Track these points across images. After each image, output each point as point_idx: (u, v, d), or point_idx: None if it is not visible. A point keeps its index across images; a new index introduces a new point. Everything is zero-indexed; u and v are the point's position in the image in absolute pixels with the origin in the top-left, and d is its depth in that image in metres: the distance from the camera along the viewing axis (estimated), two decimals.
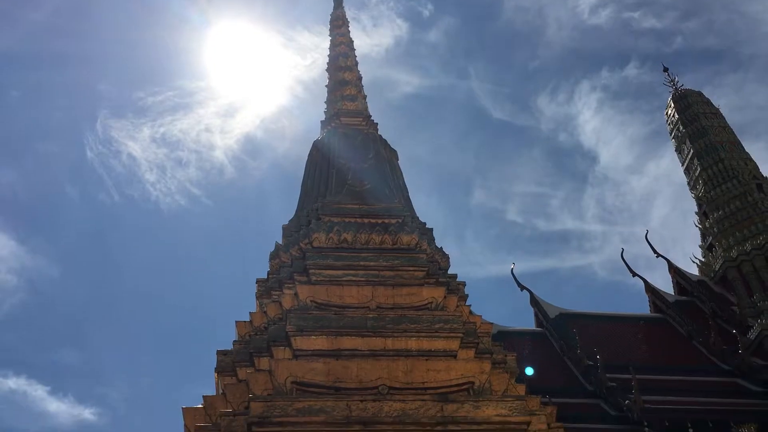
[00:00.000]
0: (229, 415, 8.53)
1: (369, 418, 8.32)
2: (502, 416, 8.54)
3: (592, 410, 22.39)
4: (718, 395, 22.64)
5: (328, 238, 11.90)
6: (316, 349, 9.48)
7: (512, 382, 10.34)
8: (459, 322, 10.17)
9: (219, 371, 10.60)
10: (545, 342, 28.88)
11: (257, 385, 9.04)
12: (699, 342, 27.33)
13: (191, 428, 9.40)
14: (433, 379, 9.22)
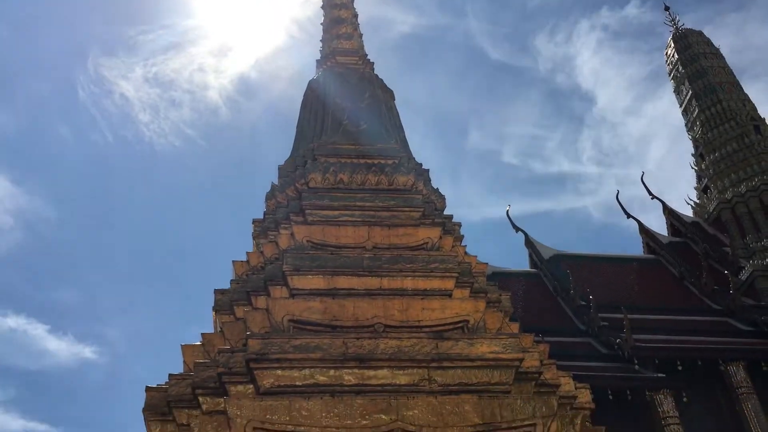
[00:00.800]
0: (228, 351, 8.66)
1: (365, 354, 8.45)
2: (496, 353, 8.69)
3: (584, 348, 22.86)
4: (708, 334, 23.09)
5: (324, 178, 11.89)
6: (312, 288, 9.57)
7: (506, 321, 10.49)
8: (454, 262, 10.25)
9: (217, 310, 10.73)
10: (539, 282, 29.27)
11: (255, 323, 9.16)
12: (691, 282, 27.71)
13: (190, 365, 9.55)
14: (428, 318, 9.34)
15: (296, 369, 8.28)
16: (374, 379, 8.38)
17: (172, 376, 9.26)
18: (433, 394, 8.25)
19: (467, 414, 8.03)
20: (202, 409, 8.44)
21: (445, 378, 8.50)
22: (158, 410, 9.09)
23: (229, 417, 7.68)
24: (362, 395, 8.13)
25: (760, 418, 20.00)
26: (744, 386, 20.60)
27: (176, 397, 8.88)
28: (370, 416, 7.88)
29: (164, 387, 9.24)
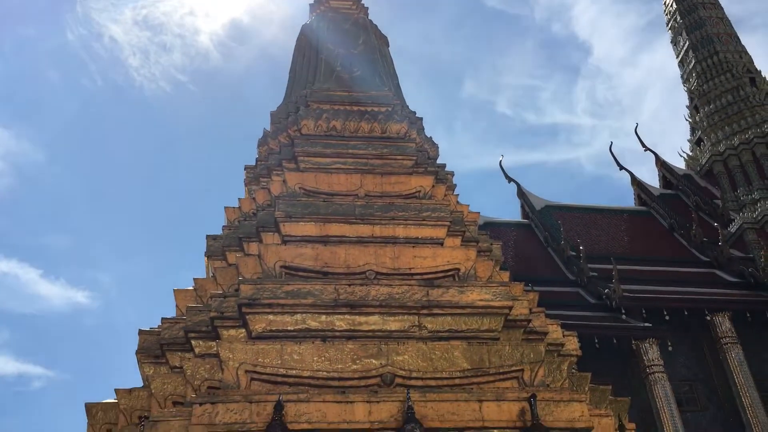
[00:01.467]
0: (220, 296, 8.72)
1: (356, 301, 8.53)
2: (486, 301, 8.78)
3: (573, 298, 23.13)
4: (695, 285, 23.38)
5: (316, 125, 11.80)
6: (304, 235, 9.59)
7: (497, 270, 10.58)
8: (446, 211, 10.27)
9: (209, 255, 10.76)
10: (530, 233, 29.44)
11: (246, 268, 9.20)
12: (680, 234, 27.92)
13: (183, 309, 9.63)
14: (419, 266, 9.40)
15: (288, 314, 8.36)
16: (365, 325, 8.48)
17: (164, 319, 9.35)
18: (423, 340, 8.37)
19: (456, 359, 8.16)
20: (195, 353, 8.55)
21: (435, 325, 8.60)
22: (151, 353, 9.20)
23: (222, 360, 7.77)
24: (353, 340, 8.23)
25: (743, 367, 20.44)
26: (728, 336, 20.99)
27: (169, 341, 8.98)
28: (361, 361, 7.99)
29: (157, 330, 9.33)
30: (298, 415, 7.20)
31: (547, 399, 7.71)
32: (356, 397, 7.46)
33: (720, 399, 21.13)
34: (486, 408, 7.54)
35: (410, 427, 7.14)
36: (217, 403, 7.15)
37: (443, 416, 7.43)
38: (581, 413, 7.67)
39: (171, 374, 8.47)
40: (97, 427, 8.53)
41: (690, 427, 20.18)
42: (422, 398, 7.51)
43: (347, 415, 7.30)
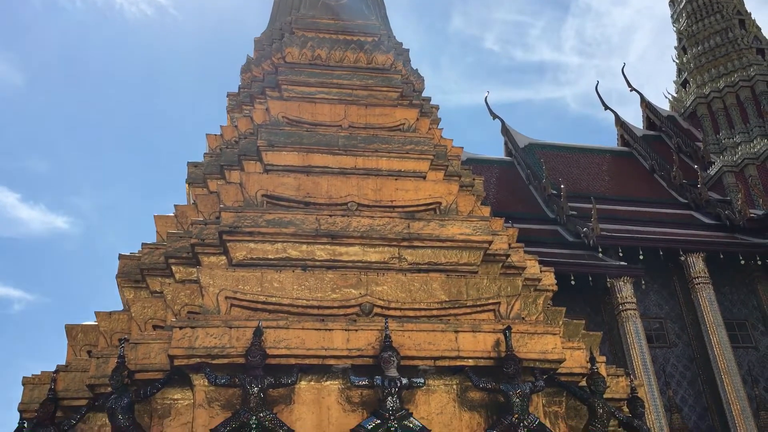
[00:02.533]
0: (201, 223, 8.70)
1: (337, 231, 8.56)
2: (466, 235, 8.85)
3: (552, 235, 23.39)
4: (672, 226, 23.70)
5: (301, 53, 11.58)
6: (286, 165, 9.53)
7: (478, 205, 10.63)
8: (430, 145, 10.23)
9: (190, 182, 10.69)
10: (513, 170, 29.51)
11: (228, 196, 9.17)
12: (661, 176, 28.14)
13: (163, 235, 9.63)
14: (401, 198, 9.42)
15: (269, 243, 8.38)
16: (345, 256, 8.54)
17: (145, 245, 9.35)
18: (403, 272, 8.46)
19: (435, 291, 8.28)
20: (175, 278, 8.59)
21: (414, 257, 8.69)
22: (131, 277, 9.23)
23: (202, 286, 7.82)
24: (333, 270, 8.30)
25: (713, 307, 20.96)
26: (701, 276, 21.43)
27: (149, 266, 9.00)
28: (341, 290, 8.08)
29: (137, 255, 9.34)
30: (277, 341, 7.31)
31: (522, 331, 7.87)
32: (335, 325, 7.57)
33: (689, 336, 21.75)
34: (462, 339, 7.69)
35: (387, 355, 7.28)
36: (197, 328, 7.22)
37: (420, 345, 7.58)
38: (554, 346, 7.86)
39: (151, 299, 8.52)
40: (78, 349, 8.62)
41: (658, 362, 20.82)
42: (400, 328, 7.64)
43: (326, 342, 7.42)
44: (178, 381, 7.25)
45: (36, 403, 7.58)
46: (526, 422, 7.22)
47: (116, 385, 6.99)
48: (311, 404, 7.33)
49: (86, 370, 7.58)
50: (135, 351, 7.32)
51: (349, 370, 7.34)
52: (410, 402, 7.40)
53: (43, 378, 7.96)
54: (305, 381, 7.39)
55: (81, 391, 7.53)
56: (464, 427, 7.47)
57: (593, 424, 7.67)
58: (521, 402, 7.30)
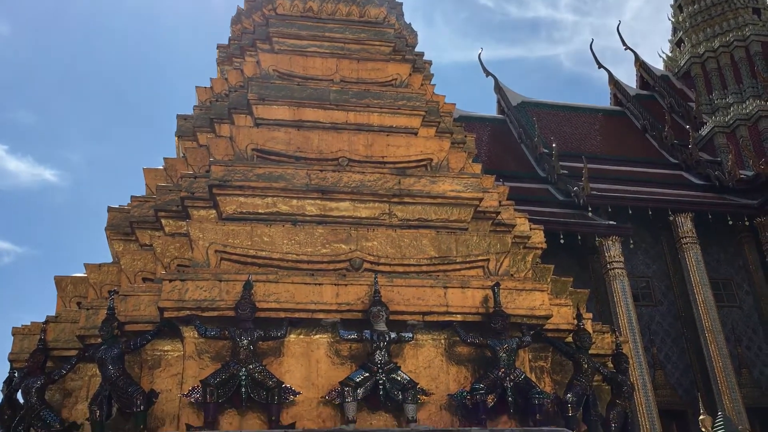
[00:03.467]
0: (190, 176, 8.66)
1: (327, 187, 8.54)
2: (456, 192, 8.85)
3: (542, 194, 23.43)
4: (662, 186, 23.78)
5: (292, 5, 11.37)
6: (277, 119, 9.45)
7: (469, 162, 10.61)
8: (422, 100, 10.15)
9: (179, 135, 10.60)
10: (505, 129, 29.40)
11: (218, 150, 9.10)
12: (652, 136, 28.13)
13: (152, 188, 9.58)
14: (392, 154, 9.38)
15: (259, 197, 8.35)
16: (336, 211, 8.53)
17: (134, 198, 9.30)
18: (393, 228, 8.47)
19: (424, 247, 8.30)
20: (165, 231, 8.57)
21: (405, 213, 8.69)
22: (121, 230, 9.21)
23: (192, 239, 7.81)
24: (323, 225, 8.30)
25: (700, 266, 21.18)
26: (689, 236, 21.60)
27: (139, 219, 8.97)
28: (331, 245, 8.09)
29: (127, 208, 9.30)
30: (267, 294, 7.34)
31: (511, 288, 7.94)
32: (325, 279, 7.60)
33: (674, 295, 22.02)
34: (451, 294, 7.75)
35: (376, 310, 7.34)
36: (187, 281, 7.24)
37: (409, 301, 7.64)
38: (542, 302, 7.93)
39: (141, 251, 8.52)
40: (67, 300, 8.64)
41: (643, 320, 21.11)
42: (389, 283, 7.68)
43: (315, 296, 7.45)
44: (168, 333, 7.29)
45: (26, 353, 7.62)
46: (512, 376, 7.33)
47: (106, 336, 7.02)
48: (300, 357, 7.41)
49: (76, 321, 7.61)
50: (125, 303, 7.34)
51: (338, 324, 7.40)
52: (398, 356, 7.48)
53: (33, 328, 8.00)
54: (295, 334, 7.45)
55: (71, 342, 7.57)
56: (451, 380, 7.58)
57: (578, 378, 7.80)
58: (508, 357, 7.40)
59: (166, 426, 6.93)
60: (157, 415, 7.02)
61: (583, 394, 7.76)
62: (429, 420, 7.22)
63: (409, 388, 7.08)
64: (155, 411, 6.98)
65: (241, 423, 6.92)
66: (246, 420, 6.96)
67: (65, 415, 7.36)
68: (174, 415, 7.00)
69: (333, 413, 7.14)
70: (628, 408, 8.25)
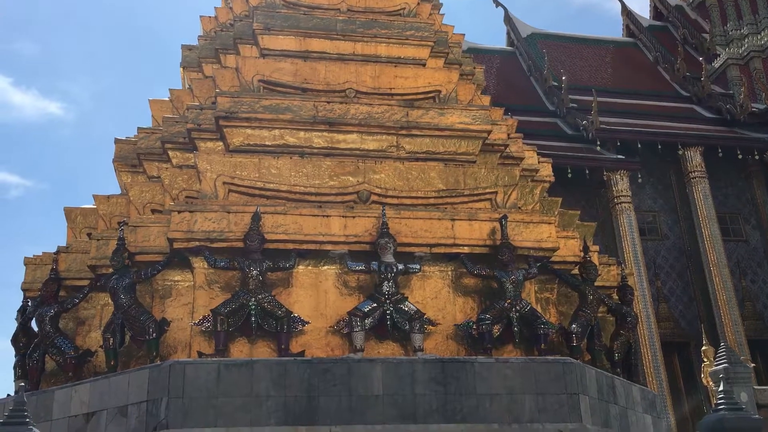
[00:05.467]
0: (197, 108, 8.59)
1: (335, 119, 8.47)
2: (465, 124, 8.77)
3: (551, 128, 23.23)
4: (672, 120, 23.49)
5: None
6: (283, 49, 9.30)
7: (478, 94, 10.48)
8: (430, 31, 9.96)
9: (184, 66, 10.47)
10: (514, 61, 28.89)
11: (224, 81, 9.00)
12: (664, 68, 27.62)
13: (159, 120, 9.52)
14: (400, 86, 9.26)
15: (266, 129, 8.30)
16: (343, 143, 8.48)
17: (141, 129, 9.27)
18: (401, 160, 8.44)
19: (432, 180, 8.29)
20: (172, 163, 8.57)
21: (413, 145, 8.64)
22: (128, 162, 9.21)
23: (200, 171, 7.81)
24: (331, 158, 8.27)
25: (708, 201, 21.11)
26: (698, 170, 21.44)
27: (146, 150, 8.96)
28: (338, 177, 8.09)
29: (133, 140, 9.28)
30: (275, 226, 7.39)
31: (518, 220, 7.96)
32: (332, 211, 7.63)
33: (681, 230, 22.04)
34: (458, 227, 7.78)
35: (384, 242, 7.39)
36: (196, 212, 7.28)
37: (416, 233, 7.68)
38: (549, 234, 7.96)
39: (149, 183, 8.53)
40: (77, 231, 8.72)
41: (648, 254, 21.19)
42: (397, 215, 7.71)
43: (323, 228, 7.50)
44: (178, 263, 7.38)
45: (38, 283, 7.75)
46: (518, 307, 7.43)
47: (117, 266, 7.12)
48: (309, 288, 7.51)
49: (87, 251, 7.70)
50: (134, 234, 7.40)
51: (346, 256, 7.46)
52: (406, 287, 7.57)
53: (44, 259, 8.10)
54: (303, 265, 7.53)
55: (82, 272, 7.68)
56: (458, 311, 7.68)
57: (583, 309, 7.90)
58: (514, 288, 7.48)
59: (178, 353, 7.09)
60: (169, 343, 7.17)
61: (587, 324, 7.88)
62: (436, 349, 7.35)
63: (416, 318, 7.19)
64: (167, 339, 7.13)
65: (252, 351, 7.07)
66: (256, 348, 7.11)
67: (79, 342, 7.54)
68: (186, 343, 7.15)
69: (341, 342, 7.28)
70: (632, 339, 8.39)
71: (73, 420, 6.64)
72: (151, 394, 6.23)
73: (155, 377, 6.28)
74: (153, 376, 6.30)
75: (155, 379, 6.27)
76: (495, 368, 6.68)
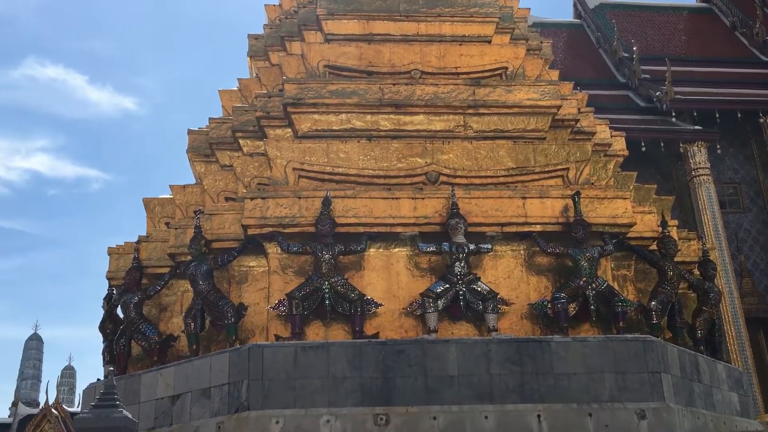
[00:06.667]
0: (264, 96, 8.72)
1: (401, 101, 8.45)
2: (533, 100, 8.60)
3: (623, 101, 22.56)
4: (752, 87, 22.44)
5: None
6: (347, 33, 9.31)
7: (546, 69, 10.26)
8: (495, 7, 9.78)
9: (251, 56, 10.63)
10: (582, 34, 28.14)
11: (290, 68, 9.09)
12: (742, 33, 26.38)
13: (228, 109, 9.71)
14: (466, 64, 9.15)
15: (333, 114, 8.36)
16: (410, 125, 8.46)
17: (212, 119, 9.47)
18: (468, 140, 8.36)
19: (501, 158, 8.19)
20: (243, 151, 8.73)
21: (480, 124, 8.54)
22: (201, 152, 9.43)
23: (270, 158, 7.94)
24: (398, 140, 8.27)
25: None
26: None
27: (217, 140, 9.16)
28: (406, 159, 8.08)
29: (205, 130, 9.49)
30: (345, 210, 7.45)
31: (591, 196, 7.78)
32: (402, 194, 7.64)
33: (764, 201, 21.06)
34: (529, 205, 7.66)
35: (454, 222, 7.34)
36: (268, 199, 7.41)
37: (487, 212, 7.61)
38: (624, 209, 7.75)
39: (221, 171, 8.73)
40: (156, 221, 9.01)
41: (730, 227, 20.36)
42: (467, 195, 7.65)
43: (393, 210, 7.52)
44: (252, 249, 7.54)
45: (122, 272, 8.05)
46: (595, 285, 7.28)
47: (195, 253, 7.33)
48: (381, 270, 7.55)
49: (166, 240, 7.95)
50: (210, 221, 7.59)
51: (416, 237, 7.46)
52: (477, 267, 7.52)
53: (126, 248, 8.41)
54: (374, 248, 7.57)
55: (162, 260, 7.95)
56: (531, 290, 7.59)
57: (662, 286, 7.67)
58: (589, 266, 7.33)
59: (256, 337, 7.26)
60: (247, 327, 7.35)
61: (668, 301, 7.65)
62: (510, 329, 7.29)
63: (489, 298, 7.14)
64: (245, 323, 7.31)
65: (327, 334, 7.17)
66: (331, 331, 7.21)
67: (162, 328, 7.81)
68: (263, 327, 7.31)
69: (414, 324, 7.30)
70: (715, 315, 8.12)
71: (160, 402, 6.90)
72: (232, 376, 6.41)
73: (235, 360, 6.46)
74: (233, 359, 6.49)
75: (235, 362, 6.45)
76: (572, 347, 6.59)
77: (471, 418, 6.28)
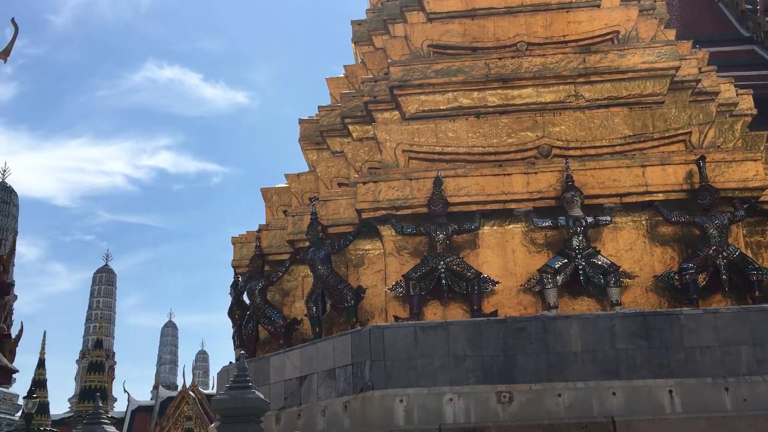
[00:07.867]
0: (371, 80, 8.79)
1: (508, 74, 8.28)
2: (649, 63, 8.19)
3: (747, 56, 21.10)
4: None
5: None
6: (449, 11, 9.21)
7: (661, 29, 9.73)
8: None
9: (355, 41, 10.73)
10: None
11: (394, 51, 9.10)
12: None
13: (336, 96, 9.87)
14: (574, 32, 8.83)
15: (439, 93, 8.31)
16: (518, 99, 8.28)
17: (321, 107, 9.66)
18: (581, 110, 8.08)
19: (617, 126, 7.87)
20: (353, 137, 8.86)
21: (593, 92, 8.23)
22: (312, 140, 9.66)
23: (379, 142, 8.01)
24: (507, 115, 8.11)
25: None
26: None
27: (327, 127, 9.34)
28: (516, 134, 7.92)
29: (315, 119, 9.70)
30: (457, 189, 7.41)
31: (718, 160, 7.34)
32: (513, 169, 7.51)
33: None
34: (649, 173, 7.34)
35: (570, 195, 7.15)
36: (379, 182, 7.49)
37: (604, 183, 7.35)
38: (755, 172, 7.27)
39: (333, 158, 8.90)
40: (274, 209, 9.32)
41: None
42: (581, 167, 7.42)
43: (505, 187, 7.41)
44: (367, 233, 7.66)
45: (245, 260, 8.41)
46: (725, 253, 6.89)
47: (313, 239, 7.54)
48: (496, 248, 7.46)
49: (284, 227, 8.23)
50: (325, 207, 7.78)
51: (531, 213, 7.32)
52: (596, 240, 7.29)
53: (248, 237, 8.76)
54: (488, 226, 7.50)
55: (282, 247, 8.23)
56: (656, 261, 7.27)
57: None
58: (719, 233, 6.95)
59: (375, 318, 7.39)
60: (367, 309, 7.49)
61: None
62: (634, 302, 7.03)
63: (611, 271, 6.92)
64: (364, 305, 7.45)
65: (445, 313, 7.19)
66: (449, 310, 7.22)
67: (285, 312, 8.11)
68: (381, 308, 7.43)
69: (533, 300, 7.18)
70: None
71: (288, 383, 7.18)
72: (355, 357, 6.57)
73: (357, 342, 6.61)
74: (355, 340, 6.64)
75: (357, 343, 6.60)
76: (704, 319, 6.29)
77: (598, 394, 6.14)
